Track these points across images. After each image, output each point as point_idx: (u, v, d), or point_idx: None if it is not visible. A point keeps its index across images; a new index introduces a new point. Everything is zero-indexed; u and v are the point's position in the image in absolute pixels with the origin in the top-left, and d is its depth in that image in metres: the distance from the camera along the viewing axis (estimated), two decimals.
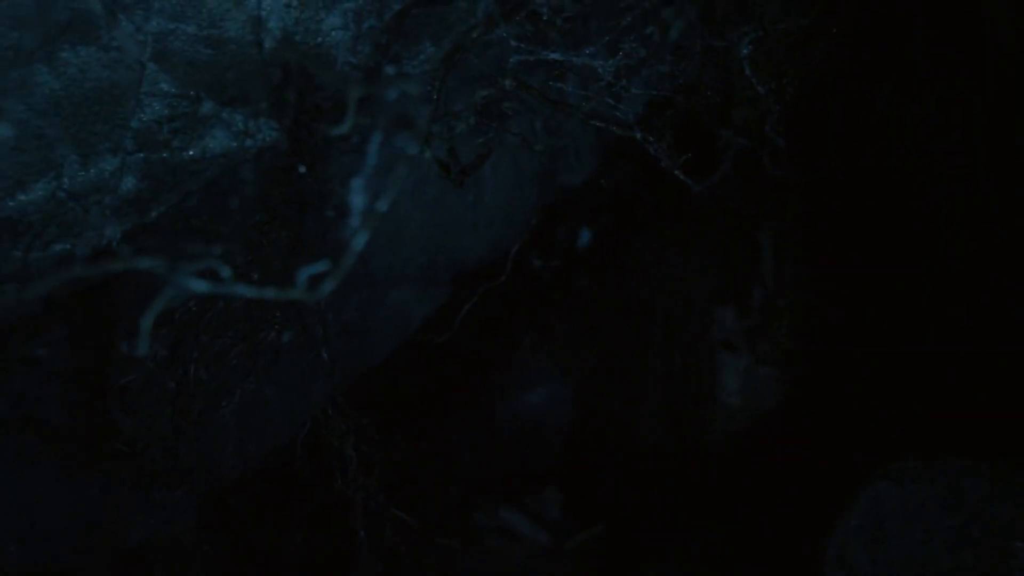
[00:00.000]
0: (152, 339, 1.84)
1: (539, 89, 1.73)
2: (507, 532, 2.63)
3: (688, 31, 1.66)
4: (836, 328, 2.73)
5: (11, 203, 1.78)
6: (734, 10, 1.80)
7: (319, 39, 1.77)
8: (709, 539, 2.62)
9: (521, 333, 3.11)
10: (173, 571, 1.90)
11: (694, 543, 2.63)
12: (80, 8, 1.54)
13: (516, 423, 3.10)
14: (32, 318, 2.15)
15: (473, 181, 2.37)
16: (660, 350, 2.89)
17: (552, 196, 2.52)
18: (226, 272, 0.91)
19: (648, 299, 2.95)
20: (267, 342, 1.76)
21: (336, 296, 2.09)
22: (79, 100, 1.67)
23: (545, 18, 1.61)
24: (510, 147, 2.15)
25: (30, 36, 1.53)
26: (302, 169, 1.50)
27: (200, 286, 0.90)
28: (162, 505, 1.83)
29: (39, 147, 1.69)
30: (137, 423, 1.78)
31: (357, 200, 0.91)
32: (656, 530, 2.69)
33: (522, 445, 3.08)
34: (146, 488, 1.82)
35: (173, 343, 1.75)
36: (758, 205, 2.67)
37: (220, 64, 1.75)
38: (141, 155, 1.85)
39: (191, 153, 1.90)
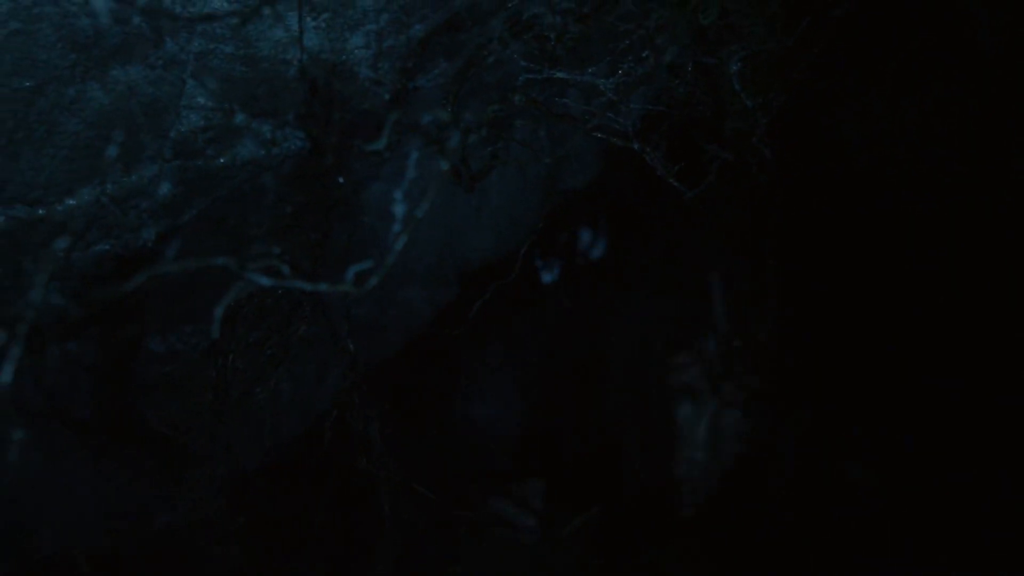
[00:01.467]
0: (194, 332, 1.99)
1: (546, 104, 1.88)
2: (501, 520, 2.67)
3: (681, 51, 1.81)
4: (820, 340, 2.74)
5: (59, 208, 1.94)
6: (724, 31, 1.94)
7: (343, 57, 1.92)
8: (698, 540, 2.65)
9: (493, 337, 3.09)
10: (210, 545, 2.05)
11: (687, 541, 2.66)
12: (131, 32, 1.69)
13: (470, 427, 3.09)
14: (67, 315, 2.28)
15: (480, 186, 2.50)
16: (618, 393, 2.86)
17: (555, 200, 2.66)
18: (286, 269, 1.07)
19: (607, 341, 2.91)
20: (297, 335, 1.91)
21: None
22: (126, 114, 1.82)
23: (551, 40, 1.76)
24: (516, 156, 2.29)
25: (85, 56, 1.68)
26: (341, 180, 1.64)
27: (264, 281, 1.05)
28: (201, 485, 1.97)
29: (88, 156, 1.84)
30: (180, 409, 1.93)
31: (398, 208, 1.06)
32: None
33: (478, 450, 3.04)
34: (189, 469, 1.97)
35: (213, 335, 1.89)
36: (747, 211, 2.74)
37: (253, 80, 1.90)
38: (178, 162, 2.00)
39: (222, 160, 2.05)
